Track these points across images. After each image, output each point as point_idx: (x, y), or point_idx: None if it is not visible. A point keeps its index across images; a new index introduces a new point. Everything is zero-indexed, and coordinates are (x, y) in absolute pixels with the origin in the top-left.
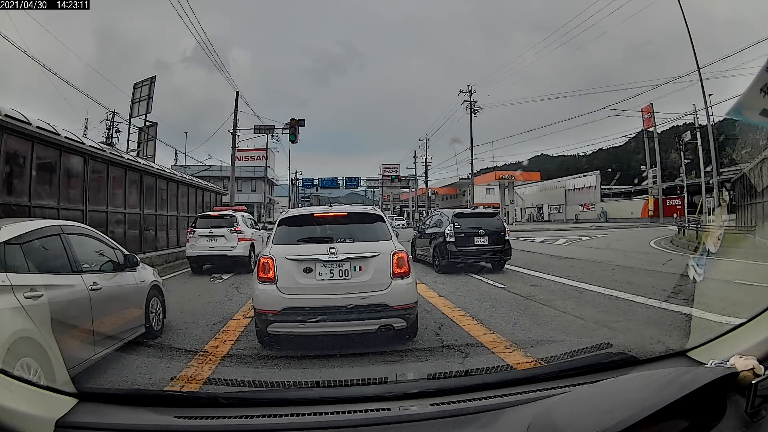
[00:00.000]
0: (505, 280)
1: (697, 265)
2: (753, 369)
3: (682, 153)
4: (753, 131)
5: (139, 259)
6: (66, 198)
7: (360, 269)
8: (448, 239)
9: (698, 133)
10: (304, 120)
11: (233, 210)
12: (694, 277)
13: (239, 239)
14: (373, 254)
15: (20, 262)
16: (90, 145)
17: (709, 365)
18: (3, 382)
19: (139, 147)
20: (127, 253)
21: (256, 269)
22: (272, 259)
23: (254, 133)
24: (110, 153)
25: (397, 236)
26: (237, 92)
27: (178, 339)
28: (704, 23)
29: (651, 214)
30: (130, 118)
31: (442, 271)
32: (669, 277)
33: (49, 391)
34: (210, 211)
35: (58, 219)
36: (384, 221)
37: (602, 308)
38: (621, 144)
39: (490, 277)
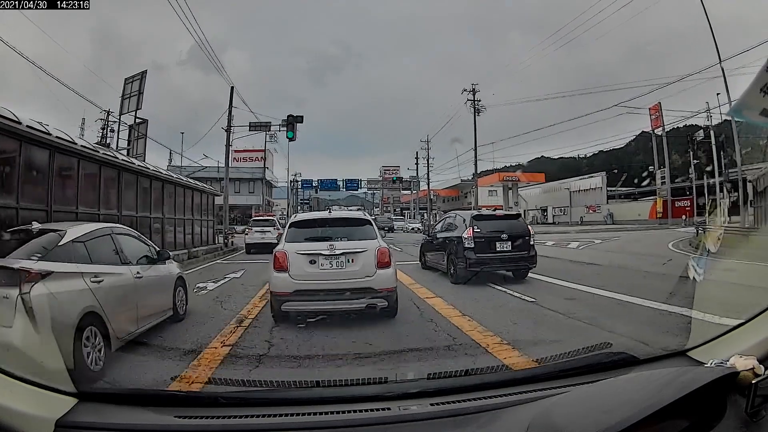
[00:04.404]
0: (533, 291)
1: (698, 266)
2: (753, 369)
3: (692, 153)
4: (753, 131)
5: (170, 254)
6: (30, 197)
7: (352, 261)
8: (466, 245)
9: (712, 132)
10: (302, 116)
11: (270, 215)
12: (693, 277)
13: (278, 233)
14: (362, 250)
15: (84, 256)
16: (57, 137)
17: (709, 365)
18: (3, 382)
19: (129, 145)
20: (159, 249)
21: (272, 261)
22: (285, 253)
23: (250, 130)
24: (81, 146)
25: (383, 236)
26: (232, 87)
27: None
28: (705, 22)
29: (659, 215)
30: (120, 115)
31: (457, 282)
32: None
33: (49, 390)
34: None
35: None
36: (372, 224)
37: (663, 327)
38: (621, 146)
39: (516, 289)
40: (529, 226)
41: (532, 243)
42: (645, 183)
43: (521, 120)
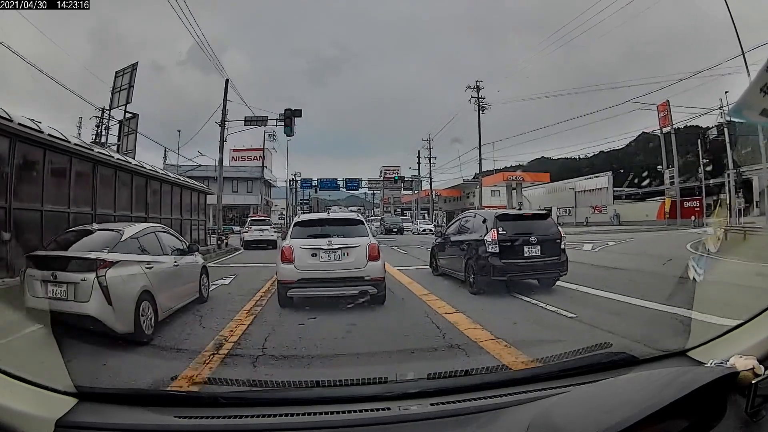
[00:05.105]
0: (568, 304)
1: (698, 266)
2: (753, 369)
3: (701, 152)
4: (753, 131)
5: (198, 247)
6: None
7: (347, 254)
8: (489, 249)
9: (726, 130)
10: (300, 110)
11: (265, 216)
12: (693, 277)
13: (273, 231)
14: (356, 245)
15: (138, 249)
16: (20, 124)
17: (709, 365)
18: (3, 382)
19: (119, 141)
20: (189, 243)
21: (280, 254)
22: (291, 247)
23: (245, 124)
24: (49, 136)
25: (374, 235)
26: (226, 80)
27: None
28: (704, 23)
29: (668, 216)
30: (110, 109)
31: (478, 292)
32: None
33: (49, 391)
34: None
35: None
36: (364, 224)
37: None
38: (622, 147)
39: (546, 300)
40: (559, 228)
41: (563, 247)
42: (647, 183)
43: (522, 120)
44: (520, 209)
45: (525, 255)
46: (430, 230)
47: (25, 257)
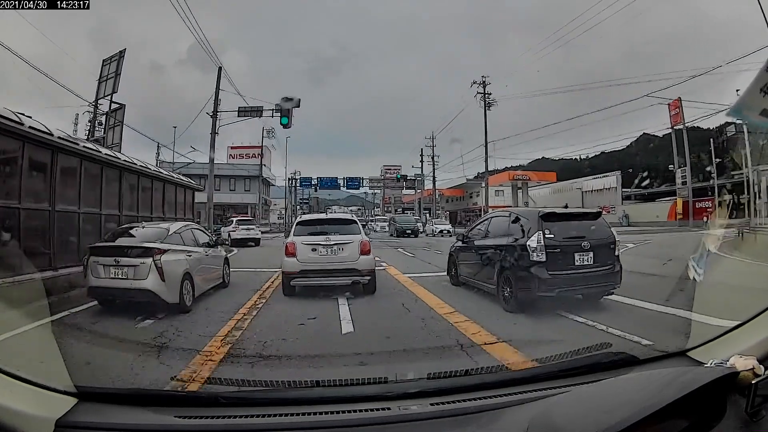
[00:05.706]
0: (630, 324)
1: (698, 266)
2: (753, 369)
3: (713, 152)
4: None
5: (223, 241)
6: None
7: (342, 249)
8: (534, 257)
9: (745, 128)
10: (298, 99)
11: (249, 217)
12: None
13: (259, 230)
14: (350, 242)
15: (181, 241)
16: None
17: (709, 365)
18: (3, 381)
19: (104, 133)
20: (216, 238)
21: (284, 249)
22: (294, 243)
23: (238, 115)
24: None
25: (367, 234)
26: (219, 68)
27: None
28: (704, 22)
29: (680, 217)
30: (96, 99)
31: (516, 310)
32: None
33: (49, 390)
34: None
35: None
36: (356, 223)
37: None
38: (622, 147)
39: (602, 319)
40: (612, 229)
41: (617, 254)
42: (648, 183)
43: (522, 120)
44: (564, 207)
45: (576, 263)
46: (448, 231)
47: (88, 248)
